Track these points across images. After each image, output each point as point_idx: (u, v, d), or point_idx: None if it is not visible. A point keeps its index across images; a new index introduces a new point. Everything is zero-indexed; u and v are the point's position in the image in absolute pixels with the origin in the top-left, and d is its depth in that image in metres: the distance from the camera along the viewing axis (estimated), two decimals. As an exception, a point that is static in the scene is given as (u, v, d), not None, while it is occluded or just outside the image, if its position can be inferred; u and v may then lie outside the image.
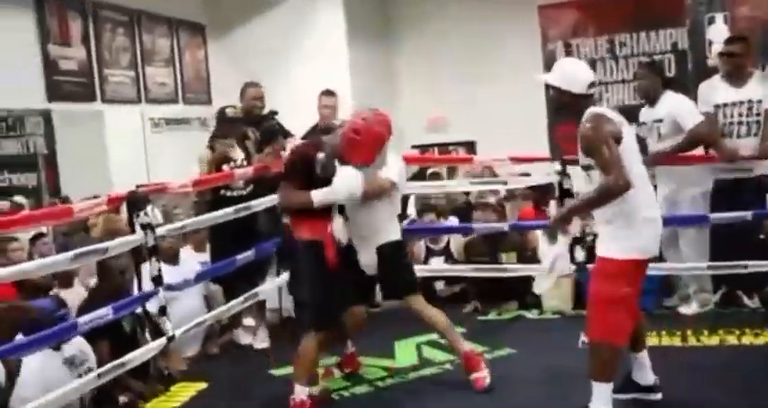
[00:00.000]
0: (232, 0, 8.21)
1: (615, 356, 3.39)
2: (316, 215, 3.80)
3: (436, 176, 7.00)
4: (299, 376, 3.89)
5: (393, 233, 4.19)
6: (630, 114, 5.36)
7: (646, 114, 5.20)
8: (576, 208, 3.59)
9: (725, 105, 5.02)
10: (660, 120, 5.02)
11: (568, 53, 9.01)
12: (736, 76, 5.02)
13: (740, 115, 4.99)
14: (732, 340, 4.60)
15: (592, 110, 3.35)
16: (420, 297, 4.26)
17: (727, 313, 5.15)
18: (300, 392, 3.83)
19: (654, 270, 5.17)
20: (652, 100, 5.10)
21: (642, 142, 5.15)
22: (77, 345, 3.82)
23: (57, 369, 3.66)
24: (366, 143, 3.88)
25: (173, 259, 4.90)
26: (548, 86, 3.58)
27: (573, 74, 3.45)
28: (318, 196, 3.77)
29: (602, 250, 3.42)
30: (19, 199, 5.70)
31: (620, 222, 3.34)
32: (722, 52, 5.19)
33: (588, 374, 3.40)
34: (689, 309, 5.20)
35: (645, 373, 3.68)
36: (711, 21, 5.54)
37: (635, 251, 3.34)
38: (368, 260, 4.13)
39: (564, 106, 3.49)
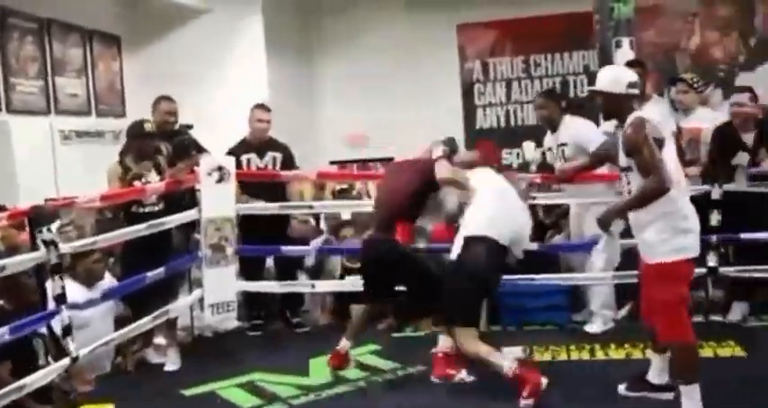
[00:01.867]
0: (149, 11, 8.06)
1: (695, 353, 3.57)
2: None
3: (345, 192, 7.00)
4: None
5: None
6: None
7: (549, 140, 5.34)
8: (618, 209, 3.64)
9: None
10: (564, 144, 5.18)
11: (485, 72, 9.21)
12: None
13: None
14: (638, 354, 4.71)
15: (636, 113, 3.51)
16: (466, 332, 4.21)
17: (635, 327, 5.28)
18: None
19: (559, 280, 5.37)
20: (554, 126, 5.23)
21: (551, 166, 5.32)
22: None
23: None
24: None
25: (90, 281, 4.74)
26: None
27: (611, 75, 3.66)
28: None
29: (652, 255, 3.55)
30: None
31: (666, 224, 3.47)
32: None
33: (674, 378, 3.62)
34: (592, 328, 5.29)
35: (661, 374, 3.83)
36: (618, 44, 5.74)
37: (684, 250, 3.49)
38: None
39: (606, 108, 3.66)
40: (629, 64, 5.45)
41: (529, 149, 5.46)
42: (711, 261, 5.08)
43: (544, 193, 5.60)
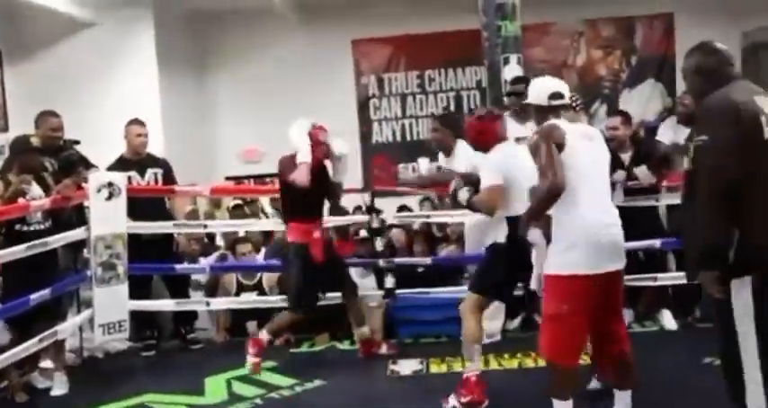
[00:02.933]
0: (33, 23, 7.77)
1: (566, 375, 3.37)
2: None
3: (239, 208, 6.91)
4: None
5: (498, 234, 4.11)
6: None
7: (443, 162, 5.39)
8: (525, 215, 3.51)
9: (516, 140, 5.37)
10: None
11: (380, 87, 9.32)
12: (522, 114, 5.33)
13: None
14: (530, 362, 4.85)
15: (548, 121, 3.46)
16: (475, 299, 4.15)
17: (527, 337, 5.43)
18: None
19: (451, 293, 5.47)
20: (447, 151, 5.24)
21: None
22: None
23: None
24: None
25: None
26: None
27: (536, 87, 3.64)
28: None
29: (546, 266, 3.40)
30: None
31: (559, 234, 3.33)
32: (509, 92, 5.57)
33: (547, 392, 3.44)
34: None
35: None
36: (507, 61, 5.92)
37: (571, 265, 3.27)
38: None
39: (534, 118, 3.64)
40: (515, 80, 5.66)
41: (424, 165, 5.48)
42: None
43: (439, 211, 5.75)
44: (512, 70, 5.74)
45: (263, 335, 4.93)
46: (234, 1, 8.30)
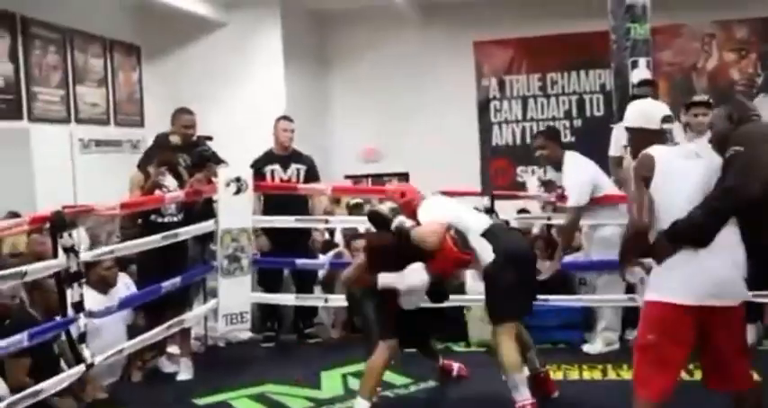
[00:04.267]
0: (168, 23, 8.16)
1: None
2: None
3: (359, 207, 7.03)
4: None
5: (485, 257, 3.95)
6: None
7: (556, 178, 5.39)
8: (619, 257, 3.32)
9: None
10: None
11: (501, 89, 9.26)
12: None
13: None
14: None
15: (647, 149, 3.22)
16: (508, 328, 3.95)
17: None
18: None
19: (576, 301, 5.39)
20: (557, 165, 5.23)
21: None
22: None
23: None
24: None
25: (104, 288, 4.77)
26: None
27: (640, 110, 3.54)
28: (385, 280, 4.05)
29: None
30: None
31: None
32: (633, 95, 5.44)
33: None
34: (591, 348, 5.28)
35: None
36: (635, 64, 5.78)
37: (666, 292, 3.02)
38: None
39: (636, 143, 3.42)
40: (639, 83, 5.52)
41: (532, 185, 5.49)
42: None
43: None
44: (640, 73, 5.60)
45: (362, 405, 4.05)
46: (356, 0, 8.44)
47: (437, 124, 8.98)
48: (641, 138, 3.37)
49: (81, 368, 4.05)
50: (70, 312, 4.09)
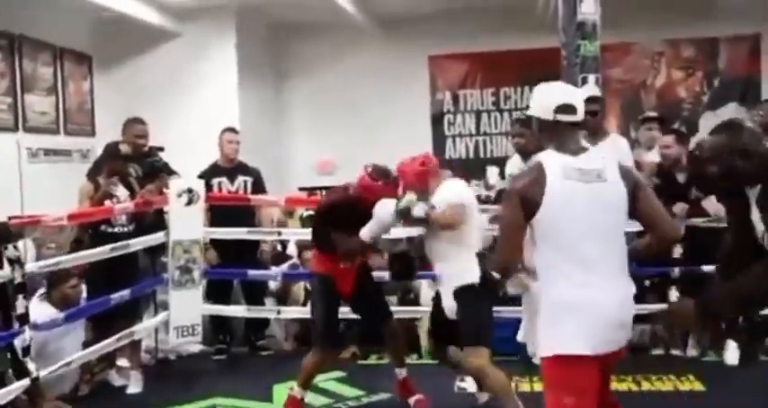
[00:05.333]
0: (121, 32, 8.06)
1: None
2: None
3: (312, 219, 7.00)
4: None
5: (468, 274, 3.86)
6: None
7: (515, 165, 5.40)
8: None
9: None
10: None
11: (455, 103, 9.36)
12: (594, 135, 5.35)
13: None
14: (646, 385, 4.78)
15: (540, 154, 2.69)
16: (483, 352, 3.88)
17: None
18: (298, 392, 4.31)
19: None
20: (527, 155, 5.31)
21: None
22: None
23: None
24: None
25: (65, 306, 4.63)
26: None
27: (538, 96, 2.84)
28: (366, 234, 4.05)
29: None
30: None
31: (543, 308, 2.63)
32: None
33: None
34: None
35: None
36: (585, 81, 5.88)
37: (558, 345, 2.57)
38: (447, 303, 3.98)
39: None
40: (588, 99, 5.62)
41: (492, 174, 5.57)
42: (673, 295, 5.22)
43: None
44: (589, 90, 5.70)
45: (296, 392, 4.35)
46: (314, 13, 8.45)
47: (393, 137, 8.97)
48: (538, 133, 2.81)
49: (26, 381, 3.98)
50: (15, 325, 4.02)
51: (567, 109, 2.71)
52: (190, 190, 5.17)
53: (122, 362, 5.05)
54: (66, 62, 7.85)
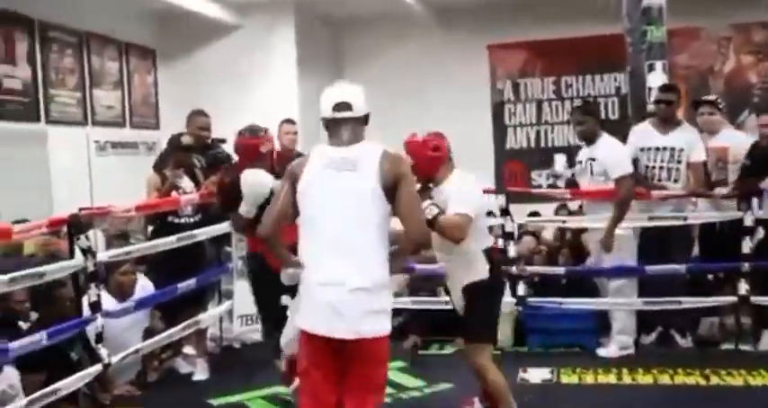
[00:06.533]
0: (183, 26, 8.21)
1: None
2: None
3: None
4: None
5: (477, 272, 3.71)
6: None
7: (582, 153, 5.39)
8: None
9: (649, 149, 5.35)
10: (594, 159, 5.21)
11: (516, 92, 9.27)
12: (666, 123, 5.30)
13: (662, 160, 5.29)
14: (665, 379, 4.73)
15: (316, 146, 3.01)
16: (486, 349, 3.77)
17: (662, 352, 5.31)
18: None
19: (590, 305, 5.39)
20: (590, 140, 5.27)
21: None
22: (7, 380, 3.74)
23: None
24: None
25: (122, 296, 4.76)
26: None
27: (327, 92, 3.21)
28: (243, 209, 3.91)
29: None
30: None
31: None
32: (657, 99, 5.46)
33: None
34: (605, 352, 5.28)
35: None
36: (651, 68, 5.78)
37: (299, 319, 2.92)
38: (456, 299, 3.81)
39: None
40: (664, 88, 5.54)
41: (560, 161, 5.51)
42: (742, 289, 5.11)
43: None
44: (657, 77, 5.61)
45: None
46: (372, 5, 8.46)
47: (451, 127, 8.89)
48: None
49: (98, 367, 4.11)
50: (87, 312, 4.15)
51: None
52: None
53: (188, 350, 5.17)
54: (131, 57, 8.05)
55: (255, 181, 3.91)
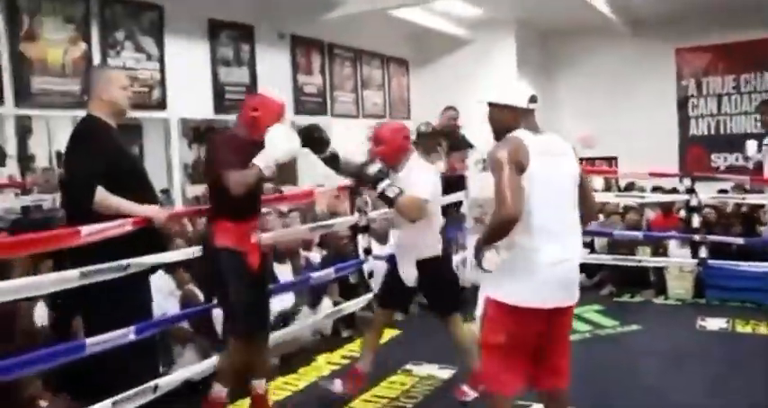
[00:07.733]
0: (428, 41, 8.30)
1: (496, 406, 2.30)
2: (240, 221, 2.80)
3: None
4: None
5: (431, 248, 3.13)
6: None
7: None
8: (481, 239, 2.27)
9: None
10: None
11: (699, 89, 8.45)
12: None
13: None
14: None
15: (514, 132, 2.37)
16: (458, 318, 3.18)
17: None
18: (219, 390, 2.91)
19: (763, 268, 4.80)
20: None
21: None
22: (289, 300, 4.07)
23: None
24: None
25: (383, 239, 4.92)
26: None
27: (512, 88, 2.58)
28: (261, 161, 2.70)
29: (487, 288, 2.32)
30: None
31: (513, 260, 2.22)
32: None
33: None
34: None
35: None
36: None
37: (516, 296, 2.24)
38: (407, 271, 3.17)
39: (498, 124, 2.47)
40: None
41: (752, 147, 4.95)
42: None
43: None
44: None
45: (218, 392, 2.89)
46: (577, 18, 8.03)
47: (642, 118, 8.39)
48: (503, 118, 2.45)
49: (370, 295, 4.31)
50: (362, 255, 4.36)
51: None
52: (484, 160, 5.19)
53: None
54: (390, 66, 8.27)
55: (292, 137, 2.82)
